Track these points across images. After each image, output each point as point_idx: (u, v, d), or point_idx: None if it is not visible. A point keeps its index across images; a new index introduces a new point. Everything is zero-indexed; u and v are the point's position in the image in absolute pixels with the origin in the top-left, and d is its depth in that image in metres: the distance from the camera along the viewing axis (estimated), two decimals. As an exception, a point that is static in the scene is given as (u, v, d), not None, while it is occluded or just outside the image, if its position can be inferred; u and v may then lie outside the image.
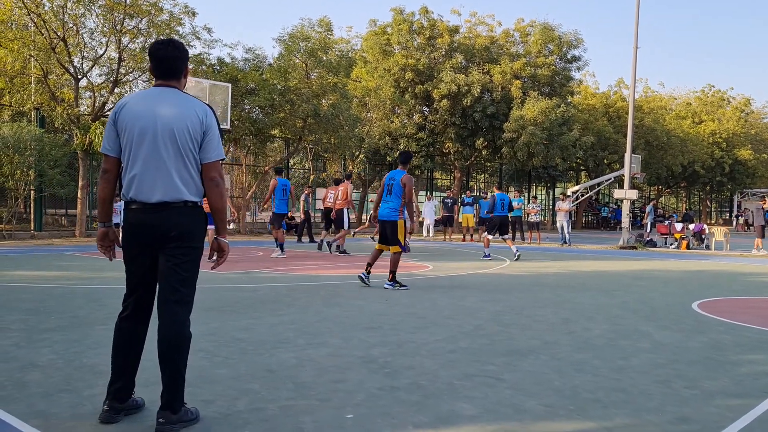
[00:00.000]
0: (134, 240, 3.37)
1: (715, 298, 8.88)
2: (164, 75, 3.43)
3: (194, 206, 3.39)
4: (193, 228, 3.38)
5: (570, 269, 12.81)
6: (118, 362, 3.43)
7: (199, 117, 3.36)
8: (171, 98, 3.37)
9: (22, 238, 18.33)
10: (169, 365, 3.29)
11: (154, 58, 3.42)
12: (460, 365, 4.75)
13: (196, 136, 3.36)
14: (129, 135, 3.33)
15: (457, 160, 31.56)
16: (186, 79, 3.53)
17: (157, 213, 3.31)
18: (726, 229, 21.41)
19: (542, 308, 7.54)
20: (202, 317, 6.40)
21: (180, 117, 3.32)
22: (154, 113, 3.32)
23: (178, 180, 3.32)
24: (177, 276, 3.34)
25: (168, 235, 3.32)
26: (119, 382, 3.42)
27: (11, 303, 7.12)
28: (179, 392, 3.33)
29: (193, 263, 3.39)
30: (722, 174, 46.69)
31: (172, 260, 3.33)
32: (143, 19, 19.73)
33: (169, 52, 3.41)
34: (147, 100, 3.36)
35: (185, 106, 3.36)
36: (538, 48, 30.52)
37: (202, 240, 3.46)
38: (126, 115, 3.34)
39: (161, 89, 3.41)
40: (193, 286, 3.42)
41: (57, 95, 19.07)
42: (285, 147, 28.34)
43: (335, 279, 10.19)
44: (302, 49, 23.84)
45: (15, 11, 18.46)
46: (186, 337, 3.35)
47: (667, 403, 3.96)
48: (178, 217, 3.33)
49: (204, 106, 3.44)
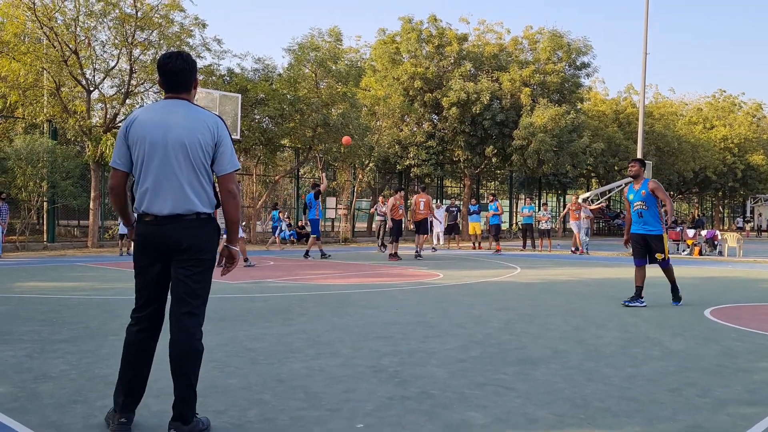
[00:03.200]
0: (146, 252, 3.40)
1: (728, 305, 8.81)
2: (174, 88, 3.44)
3: (207, 218, 3.41)
4: (205, 240, 3.40)
5: (581, 276, 12.75)
6: (129, 375, 3.42)
7: (210, 129, 3.38)
8: (182, 111, 3.38)
9: (35, 250, 18.48)
10: (181, 377, 3.31)
11: (163, 72, 3.43)
12: (471, 374, 4.75)
13: (208, 149, 3.38)
14: (140, 148, 3.35)
15: (467, 168, 31.55)
16: (196, 90, 3.55)
17: (169, 225, 3.33)
18: (739, 235, 21.25)
19: (553, 316, 7.51)
20: (213, 327, 6.43)
21: (191, 130, 3.34)
22: (165, 126, 3.34)
23: (190, 192, 3.34)
24: (187, 288, 3.35)
25: (180, 247, 3.34)
26: (131, 396, 3.43)
27: (25, 314, 7.17)
28: (191, 404, 3.34)
29: (203, 275, 3.41)
30: (734, 179, 46.36)
31: (183, 272, 3.35)
32: (154, 31, 19.93)
33: (178, 65, 3.41)
34: (158, 114, 3.38)
35: (196, 119, 3.38)
36: (547, 55, 30.49)
37: (213, 252, 3.48)
38: (137, 128, 3.36)
39: (172, 101, 3.42)
40: (204, 298, 3.43)
41: (69, 107, 19.26)
42: (295, 156, 28.43)
43: (346, 288, 10.20)
44: (312, 58, 23.94)
45: (28, 25, 18.68)
46: (197, 350, 3.36)
47: (679, 412, 3.93)
48: (190, 229, 3.35)
49: (215, 118, 3.45)
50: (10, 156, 17.79)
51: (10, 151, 18.02)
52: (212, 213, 3.45)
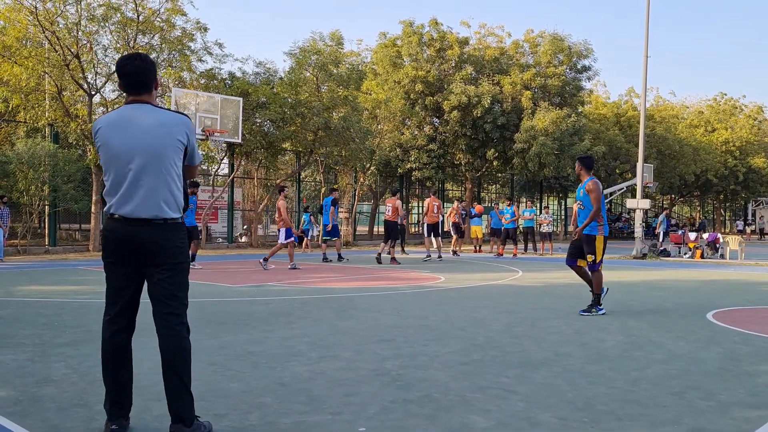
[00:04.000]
0: (113, 251, 3.39)
1: (731, 307, 8.79)
2: (135, 89, 3.41)
3: (174, 222, 3.41)
4: (174, 244, 3.40)
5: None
6: (118, 378, 3.41)
7: (180, 131, 3.39)
8: (146, 113, 3.37)
9: (37, 253, 18.49)
10: (172, 377, 3.32)
11: (122, 74, 3.41)
12: (473, 377, 4.74)
13: (178, 152, 3.40)
14: (107, 154, 3.35)
15: (468, 171, 31.55)
16: (157, 91, 3.53)
17: (138, 228, 3.33)
18: (741, 238, 21.22)
19: (555, 319, 7.50)
20: (214, 331, 6.42)
21: (157, 132, 3.34)
22: (131, 131, 3.32)
23: (159, 197, 3.34)
24: (164, 290, 3.37)
25: (148, 250, 3.34)
26: (117, 405, 3.41)
27: (26, 318, 7.17)
28: (188, 404, 3.33)
29: (178, 277, 3.41)
30: (736, 182, 46.33)
31: (157, 276, 3.37)
32: (156, 35, 19.97)
33: (137, 66, 3.40)
34: (122, 118, 3.37)
35: (163, 124, 3.37)
36: (548, 58, 30.51)
37: (185, 254, 3.48)
38: (102, 135, 3.36)
39: (135, 105, 3.40)
40: (183, 299, 3.43)
41: (71, 111, 19.30)
42: (296, 160, 28.44)
43: (348, 291, 10.19)
44: (313, 62, 23.96)
45: (30, 29, 18.72)
46: (184, 347, 3.38)
47: (682, 415, 3.92)
48: (158, 234, 3.35)
49: (180, 117, 3.46)
50: (11, 160, 17.80)
51: (12, 154, 18.04)
52: (180, 217, 3.45)
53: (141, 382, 4.38)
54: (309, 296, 9.42)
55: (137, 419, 3.61)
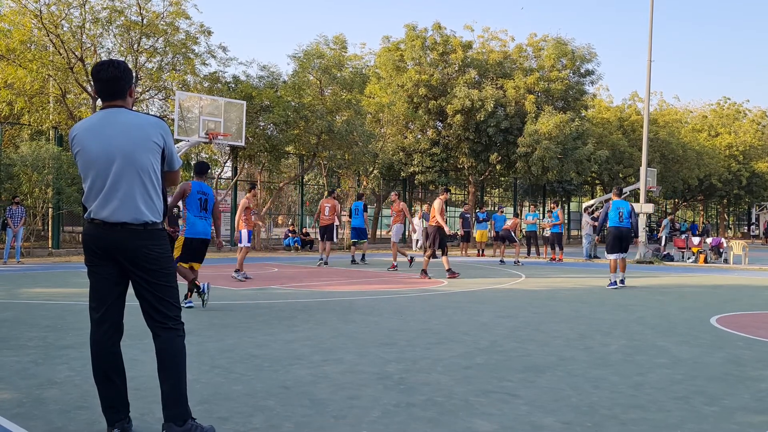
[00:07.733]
0: (94, 255, 3.40)
1: (735, 312, 8.76)
2: (110, 96, 3.43)
3: (154, 226, 3.41)
4: (154, 248, 3.39)
5: (586, 284, 12.71)
6: (109, 382, 3.41)
7: (152, 130, 3.40)
8: (122, 119, 3.37)
9: (40, 256, 18.52)
10: (167, 378, 3.33)
11: (97, 80, 3.42)
12: (477, 381, 4.72)
13: (156, 155, 3.41)
14: (85, 159, 3.35)
15: (471, 175, 31.52)
16: (132, 98, 3.54)
17: (118, 233, 3.33)
18: (745, 243, 21.17)
19: (558, 323, 7.48)
20: (217, 334, 6.43)
21: (132, 135, 3.34)
22: (106, 134, 3.33)
23: (138, 201, 3.34)
24: (151, 294, 3.39)
25: (129, 254, 3.34)
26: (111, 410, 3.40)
27: (30, 320, 7.18)
28: (182, 404, 3.33)
29: (163, 279, 3.42)
30: (739, 187, 46.24)
31: (141, 280, 3.38)
32: (160, 38, 20.02)
33: (111, 73, 3.40)
34: (98, 124, 3.37)
35: (136, 123, 3.38)
36: (552, 62, 30.50)
37: (168, 258, 3.48)
38: (79, 141, 3.37)
39: (110, 111, 3.41)
40: (171, 300, 3.43)
41: (75, 114, 19.35)
42: (299, 163, 28.47)
43: (350, 295, 10.19)
44: (316, 66, 24.00)
45: (34, 32, 18.80)
46: (178, 347, 3.39)
47: (686, 420, 3.90)
48: (138, 238, 3.35)
49: (155, 120, 3.47)
50: (16, 162, 17.87)
51: (16, 157, 18.11)
52: (161, 222, 3.45)
53: (143, 384, 4.39)
54: (311, 299, 9.41)
55: (139, 421, 3.62)
